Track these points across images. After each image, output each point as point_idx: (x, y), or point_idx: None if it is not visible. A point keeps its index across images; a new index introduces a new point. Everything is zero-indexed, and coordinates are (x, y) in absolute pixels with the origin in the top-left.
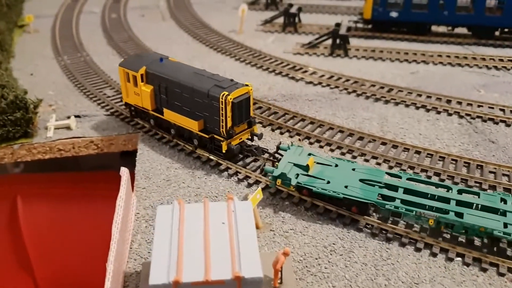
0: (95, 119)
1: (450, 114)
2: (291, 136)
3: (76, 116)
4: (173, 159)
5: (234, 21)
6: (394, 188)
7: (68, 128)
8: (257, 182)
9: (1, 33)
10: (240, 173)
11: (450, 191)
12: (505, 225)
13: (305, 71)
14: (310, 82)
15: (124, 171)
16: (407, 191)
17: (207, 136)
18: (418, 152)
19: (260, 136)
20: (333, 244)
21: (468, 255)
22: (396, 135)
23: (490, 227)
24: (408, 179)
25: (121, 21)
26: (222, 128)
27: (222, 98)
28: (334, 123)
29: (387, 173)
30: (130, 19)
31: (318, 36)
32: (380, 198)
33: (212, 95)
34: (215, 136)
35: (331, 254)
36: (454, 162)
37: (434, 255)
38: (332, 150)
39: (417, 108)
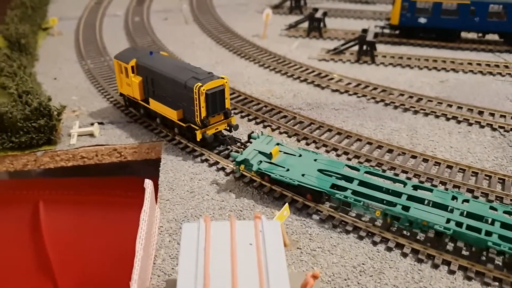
0: (119, 126)
1: (482, 126)
2: (317, 148)
3: (100, 123)
4: (196, 170)
5: (257, 25)
6: (350, 179)
7: (91, 135)
8: (283, 197)
9: (25, 37)
10: (265, 186)
11: (405, 186)
12: (448, 221)
13: (331, 79)
14: (337, 90)
15: (148, 184)
16: (362, 183)
17: (184, 125)
18: (449, 167)
19: (235, 127)
20: (363, 264)
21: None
22: (427, 148)
23: (432, 222)
24: (365, 172)
25: (145, 25)
26: (197, 117)
27: (196, 89)
28: (362, 134)
29: (346, 165)
30: (153, 22)
31: (344, 42)
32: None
33: (189, 86)
34: (192, 125)
35: (360, 275)
36: (487, 178)
37: (469, 278)
38: (360, 163)
39: (448, 119)
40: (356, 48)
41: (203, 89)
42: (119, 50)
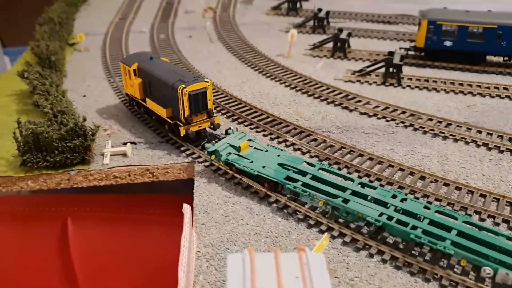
0: (150, 146)
1: None
2: (349, 173)
3: (132, 143)
4: (230, 193)
5: (281, 44)
6: (304, 173)
7: (124, 155)
8: (318, 224)
9: (55, 53)
10: (299, 212)
11: (353, 183)
12: (381, 214)
13: (359, 101)
14: (365, 113)
15: (186, 208)
16: (314, 177)
17: (172, 122)
18: (483, 196)
19: (217, 126)
20: None
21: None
22: (458, 175)
23: (365, 214)
24: (320, 168)
25: (170, 42)
26: (181, 115)
27: (179, 90)
28: (394, 159)
29: (305, 161)
30: (178, 40)
31: (369, 64)
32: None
33: (175, 87)
34: (178, 122)
35: None
36: None
37: None
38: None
39: (478, 146)
40: (381, 69)
41: (186, 90)
42: None
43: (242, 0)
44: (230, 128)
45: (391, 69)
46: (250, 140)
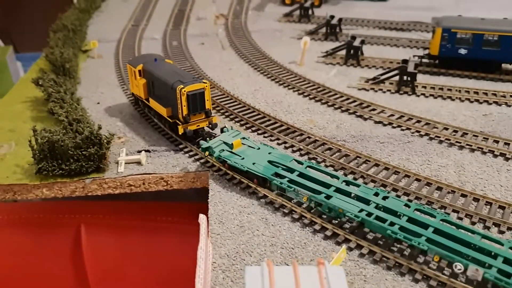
0: (164, 154)
1: None
2: (365, 183)
3: (146, 151)
4: (244, 203)
5: (293, 51)
6: (292, 170)
7: (138, 163)
8: (335, 235)
9: (69, 61)
10: (316, 223)
11: (338, 180)
12: (361, 211)
13: (373, 109)
14: (380, 122)
15: (202, 219)
16: (301, 174)
17: (171, 121)
18: (501, 207)
19: (214, 126)
20: None
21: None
22: (476, 186)
23: (346, 210)
24: (307, 166)
25: (183, 49)
26: (180, 114)
27: (178, 90)
28: (410, 169)
29: (294, 159)
30: (191, 46)
31: (383, 72)
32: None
33: (174, 87)
34: (177, 121)
35: None
36: None
37: None
38: (410, 201)
39: (495, 156)
40: (395, 77)
41: (184, 90)
42: None
43: (253, 7)
44: (225, 127)
45: (405, 77)
46: (244, 138)
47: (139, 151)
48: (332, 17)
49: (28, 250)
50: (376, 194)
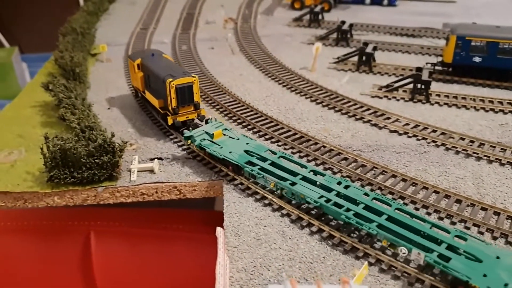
0: (177, 162)
1: None
2: (383, 194)
3: (159, 159)
4: (260, 214)
5: (303, 57)
6: (265, 159)
7: (151, 171)
8: (354, 250)
9: (79, 65)
10: (334, 236)
11: (306, 169)
12: (321, 197)
13: (388, 118)
14: (395, 131)
15: (219, 232)
16: (273, 163)
17: (162, 111)
18: None
19: (202, 118)
20: None
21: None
22: (496, 199)
23: (306, 195)
24: (280, 156)
25: (193, 54)
26: (169, 106)
27: (167, 83)
28: (427, 181)
29: (269, 150)
30: (200, 51)
31: (397, 79)
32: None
33: (165, 81)
34: (167, 112)
35: None
36: None
37: None
38: (429, 214)
39: None
40: (408, 85)
41: (173, 84)
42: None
43: (262, 11)
44: (210, 118)
45: (419, 85)
46: (226, 129)
47: (152, 159)
48: (343, 22)
49: (37, 257)
50: (339, 183)
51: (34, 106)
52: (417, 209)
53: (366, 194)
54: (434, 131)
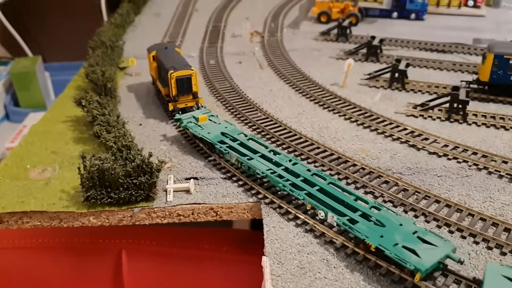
0: (212, 183)
1: None
2: (427, 221)
3: (195, 179)
4: (302, 241)
5: (333, 72)
6: (235, 140)
7: (187, 191)
8: (402, 280)
9: (111, 80)
10: (381, 266)
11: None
12: (268, 169)
13: (425, 138)
14: (434, 153)
15: (265, 262)
16: (241, 144)
17: (166, 98)
18: None
19: (198, 106)
20: None
21: None
22: None
23: (257, 168)
24: (249, 139)
25: (221, 69)
26: (171, 94)
27: (169, 74)
28: (472, 207)
29: (242, 133)
30: (228, 65)
31: (432, 98)
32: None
33: (168, 72)
34: (170, 99)
35: None
36: None
37: None
38: (476, 243)
39: None
40: (444, 103)
41: (174, 75)
42: (200, 96)
43: (288, 25)
44: (202, 106)
45: (455, 105)
46: (212, 116)
47: (188, 179)
48: (373, 37)
49: (68, 275)
50: (290, 161)
51: (66, 121)
52: (463, 237)
53: (308, 170)
54: (474, 153)
